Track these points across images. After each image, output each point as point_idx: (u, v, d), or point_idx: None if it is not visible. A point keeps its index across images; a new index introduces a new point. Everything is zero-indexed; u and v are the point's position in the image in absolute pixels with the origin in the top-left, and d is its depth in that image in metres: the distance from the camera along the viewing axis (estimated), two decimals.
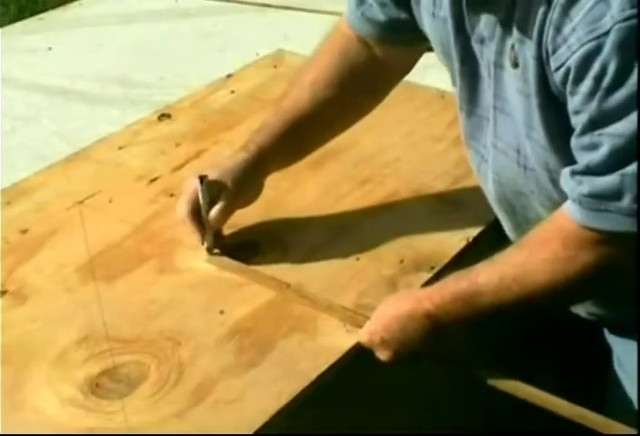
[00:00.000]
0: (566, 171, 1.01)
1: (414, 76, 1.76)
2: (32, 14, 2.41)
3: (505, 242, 1.23)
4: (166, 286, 1.25)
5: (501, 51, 1.05)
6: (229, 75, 1.81)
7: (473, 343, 1.20)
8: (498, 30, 1.04)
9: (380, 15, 1.25)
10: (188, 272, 1.28)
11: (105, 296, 1.23)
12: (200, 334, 1.17)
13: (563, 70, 0.95)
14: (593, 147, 0.96)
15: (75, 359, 1.13)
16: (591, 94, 0.93)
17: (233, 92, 1.75)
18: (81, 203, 1.43)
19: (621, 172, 0.94)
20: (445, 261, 1.28)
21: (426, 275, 1.26)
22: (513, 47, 1.02)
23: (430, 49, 1.23)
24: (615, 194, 0.95)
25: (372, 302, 1.19)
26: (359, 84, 1.32)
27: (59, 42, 2.13)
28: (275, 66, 1.84)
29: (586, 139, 0.96)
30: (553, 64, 0.97)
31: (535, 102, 1.01)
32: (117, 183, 1.48)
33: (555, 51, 0.96)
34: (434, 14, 1.14)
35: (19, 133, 1.74)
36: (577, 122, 0.97)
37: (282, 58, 1.87)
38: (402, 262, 1.29)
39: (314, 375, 1.10)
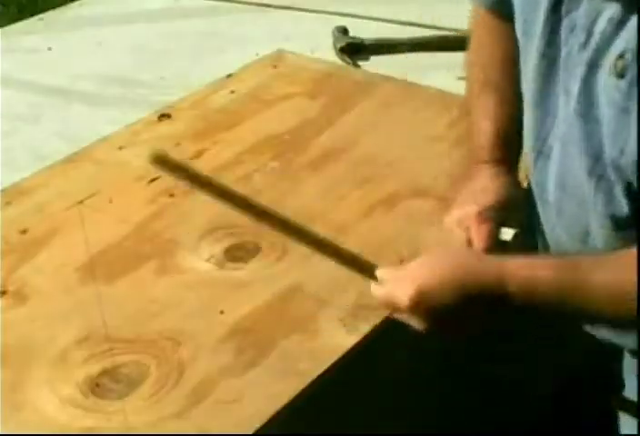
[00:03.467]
0: None
1: (413, 76, 1.77)
2: (32, 15, 2.40)
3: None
4: (166, 286, 1.25)
5: (602, 50, 0.92)
6: (229, 75, 1.82)
7: (473, 343, 1.20)
8: (606, 27, 0.91)
9: None
10: (188, 272, 1.28)
11: (105, 296, 1.23)
12: (200, 334, 1.17)
13: None
14: None
15: (75, 359, 1.13)
16: None
17: (233, 92, 1.75)
18: (81, 203, 1.43)
19: None
20: None
21: None
22: (622, 56, 0.89)
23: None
24: None
25: (372, 302, 1.19)
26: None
27: (59, 42, 2.12)
28: (275, 66, 1.84)
29: None
30: None
31: (634, 119, 0.88)
32: (117, 183, 1.48)
33: None
34: None
35: (19, 133, 1.73)
36: None
37: (282, 58, 1.87)
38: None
39: (314, 375, 1.10)
